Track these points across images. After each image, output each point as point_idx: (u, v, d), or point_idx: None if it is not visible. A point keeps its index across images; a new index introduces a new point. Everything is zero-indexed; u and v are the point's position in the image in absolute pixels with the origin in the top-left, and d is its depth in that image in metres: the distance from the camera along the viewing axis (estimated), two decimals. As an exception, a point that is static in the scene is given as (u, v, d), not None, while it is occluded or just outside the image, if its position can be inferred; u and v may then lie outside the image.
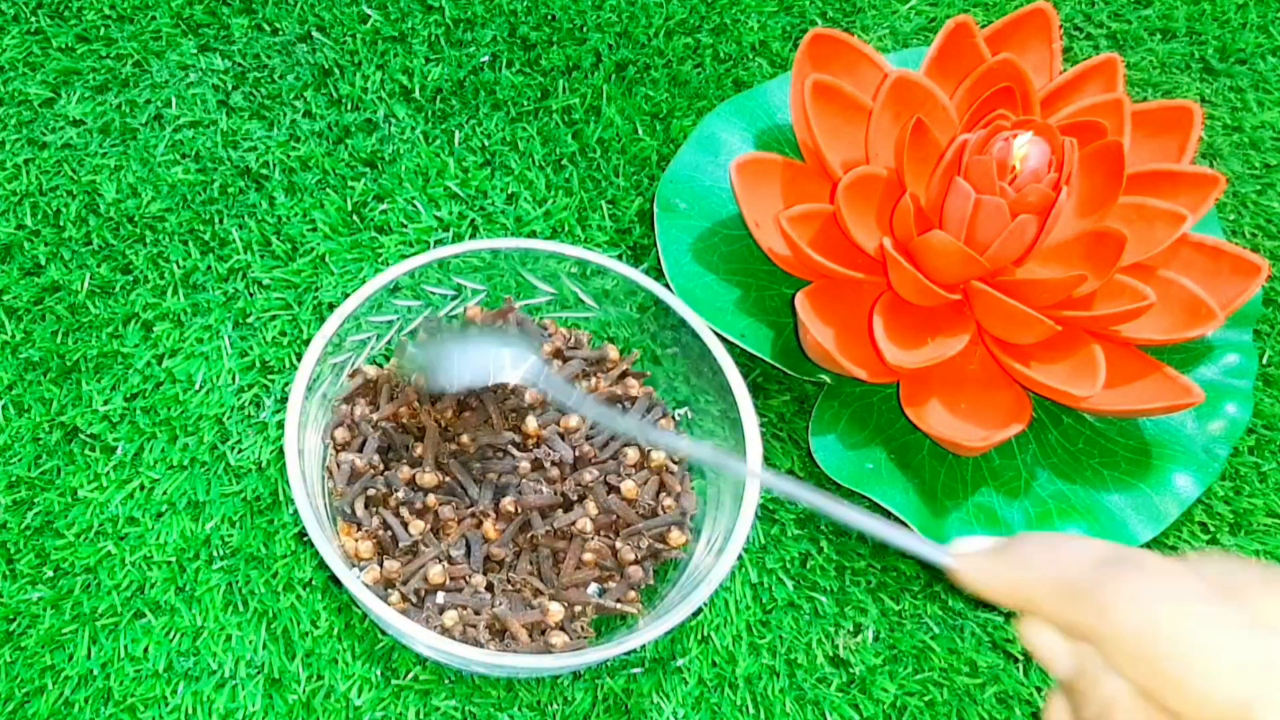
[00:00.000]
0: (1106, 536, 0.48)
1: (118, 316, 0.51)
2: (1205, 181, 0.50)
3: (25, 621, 0.45)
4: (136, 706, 0.44)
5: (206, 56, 0.58)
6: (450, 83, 0.58)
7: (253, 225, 0.54)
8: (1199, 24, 0.65)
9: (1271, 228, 0.59)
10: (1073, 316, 0.47)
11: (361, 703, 0.44)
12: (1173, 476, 0.50)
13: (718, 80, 0.60)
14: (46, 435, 0.48)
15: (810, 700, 0.46)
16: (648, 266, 0.54)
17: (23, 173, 0.54)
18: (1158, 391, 0.48)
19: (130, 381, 0.50)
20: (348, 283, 0.53)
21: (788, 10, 0.63)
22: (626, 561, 0.45)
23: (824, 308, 0.49)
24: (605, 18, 0.61)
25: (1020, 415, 0.48)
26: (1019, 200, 0.46)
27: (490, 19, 0.60)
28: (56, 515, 0.47)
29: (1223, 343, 0.53)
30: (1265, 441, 0.53)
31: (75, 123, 0.56)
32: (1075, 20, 0.64)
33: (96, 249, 0.53)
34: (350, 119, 0.57)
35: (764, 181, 0.51)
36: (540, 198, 0.56)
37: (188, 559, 0.47)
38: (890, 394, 0.50)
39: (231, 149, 0.56)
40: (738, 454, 0.45)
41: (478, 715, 0.45)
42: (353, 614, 0.46)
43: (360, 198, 0.55)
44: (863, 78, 0.51)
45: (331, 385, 0.46)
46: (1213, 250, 0.50)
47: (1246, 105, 0.62)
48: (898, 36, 0.62)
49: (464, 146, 0.57)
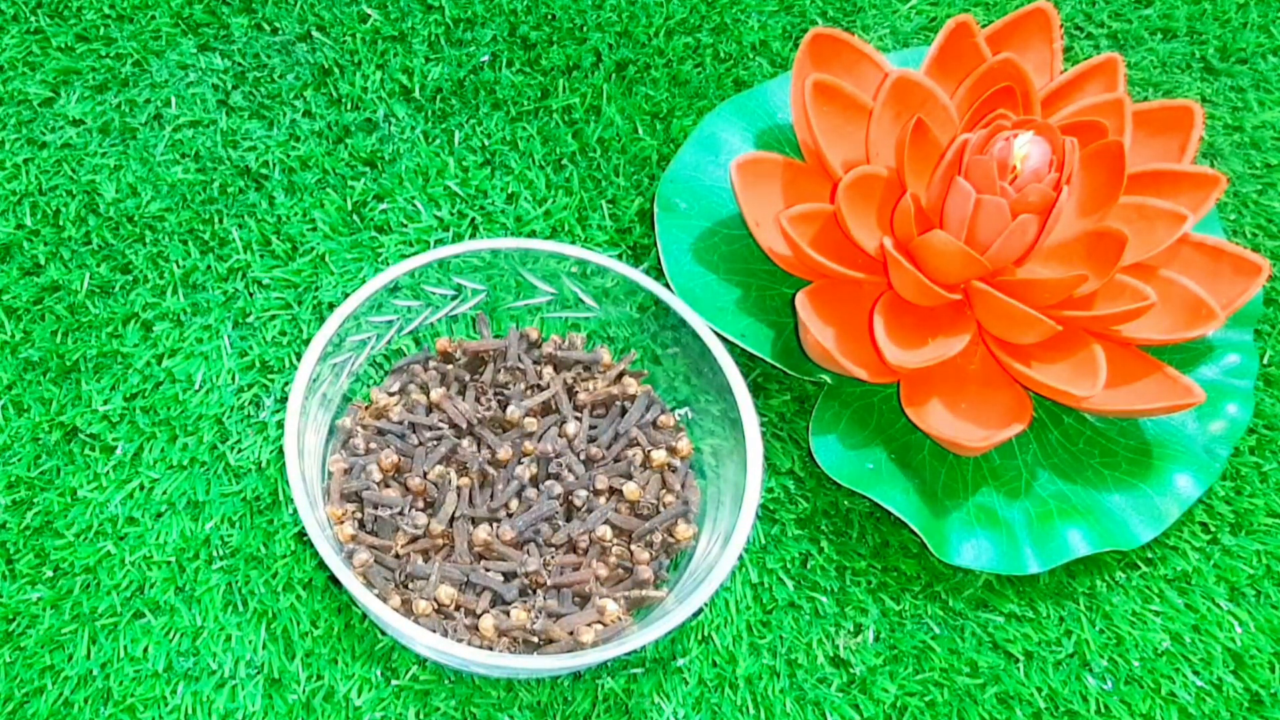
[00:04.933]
0: (1107, 536, 0.48)
1: (117, 316, 0.51)
2: (1206, 181, 0.50)
3: (25, 622, 0.45)
4: (136, 707, 0.44)
5: (206, 56, 0.58)
6: (450, 82, 0.58)
7: (252, 225, 0.54)
8: (1200, 24, 0.65)
9: (1272, 227, 0.59)
10: (1073, 316, 0.47)
11: (361, 703, 0.44)
12: (1174, 476, 0.50)
13: (718, 80, 0.60)
14: (46, 435, 0.48)
15: (811, 700, 0.46)
16: (648, 266, 0.54)
17: (22, 172, 0.54)
18: (1158, 391, 0.48)
19: (130, 381, 0.50)
20: (348, 282, 0.53)
21: (788, 10, 0.63)
22: (641, 560, 0.45)
23: (824, 307, 0.49)
24: (605, 17, 0.61)
25: (1021, 415, 0.48)
26: (1020, 200, 0.46)
27: (490, 18, 0.60)
28: (56, 515, 0.47)
29: (1223, 343, 0.53)
30: (1266, 441, 0.53)
31: (75, 122, 0.56)
32: (1076, 20, 0.64)
33: (96, 249, 0.53)
34: (350, 118, 0.57)
35: (764, 181, 0.50)
36: (540, 197, 0.56)
37: (187, 559, 0.47)
38: (891, 394, 0.50)
39: (231, 148, 0.55)
40: (735, 440, 0.45)
41: (477, 715, 0.45)
42: (352, 614, 0.46)
43: (360, 197, 0.55)
44: (863, 77, 0.51)
45: (331, 385, 0.46)
46: (1213, 250, 0.50)
47: (1247, 105, 0.62)
48: (898, 36, 0.62)
49: (464, 146, 0.57)
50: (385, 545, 0.44)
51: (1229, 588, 0.50)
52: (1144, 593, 0.50)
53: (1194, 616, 0.49)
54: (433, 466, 0.46)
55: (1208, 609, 0.49)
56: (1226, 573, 0.50)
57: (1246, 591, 0.50)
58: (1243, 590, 0.50)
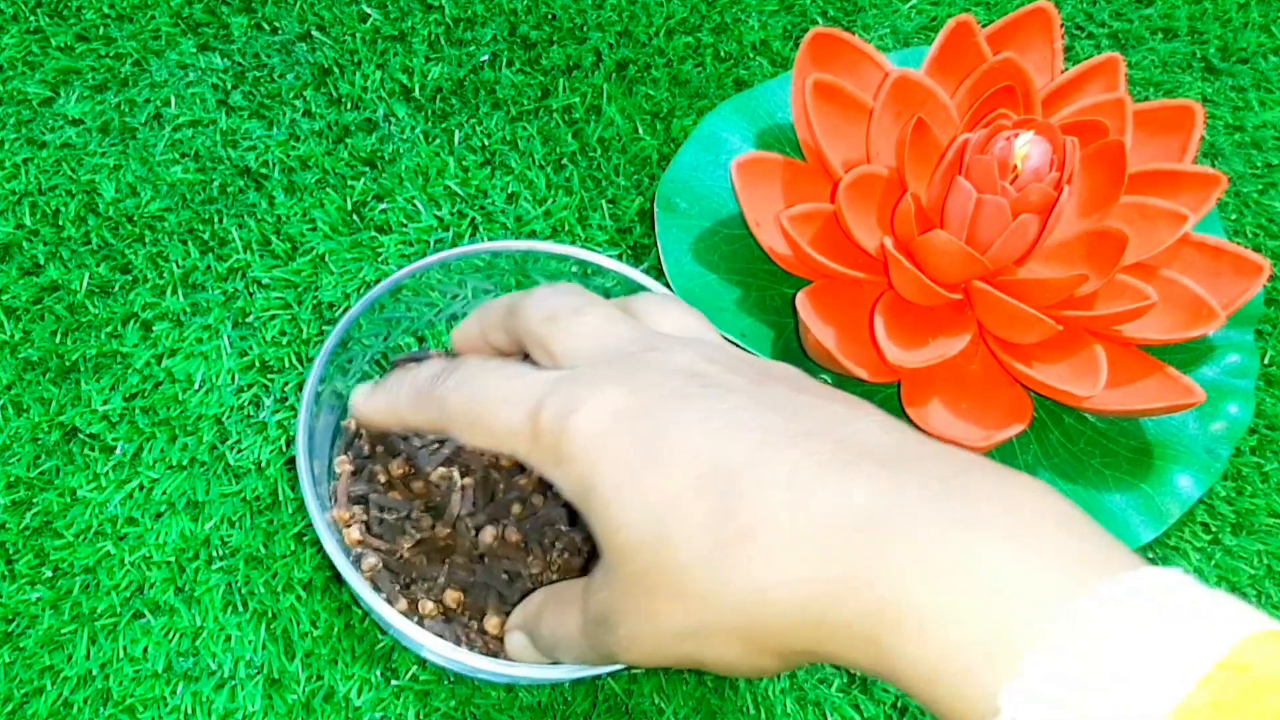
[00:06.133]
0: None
1: (117, 316, 0.51)
2: (1207, 181, 0.49)
3: (24, 622, 0.45)
4: (136, 707, 0.44)
5: (206, 55, 0.58)
6: (450, 82, 0.58)
7: (252, 224, 0.54)
8: (1200, 23, 0.65)
9: (1273, 227, 0.59)
10: (1074, 316, 0.47)
11: (361, 703, 0.44)
12: (1174, 476, 0.50)
13: (718, 79, 0.60)
14: (45, 435, 0.48)
15: (811, 701, 0.46)
16: (648, 266, 0.54)
17: (21, 172, 0.54)
18: (1159, 391, 0.48)
19: (129, 381, 0.50)
20: (347, 282, 0.53)
21: (789, 9, 0.62)
22: None
23: (825, 307, 0.48)
24: (606, 17, 0.61)
25: (1021, 415, 0.48)
26: (1020, 200, 0.46)
27: (490, 18, 0.60)
28: (55, 515, 0.47)
29: (1224, 343, 0.53)
30: (1267, 441, 0.53)
31: (74, 122, 0.55)
32: (1076, 19, 0.64)
33: (95, 248, 0.53)
34: (350, 118, 0.57)
35: (765, 181, 0.50)
36: (540, 197, 0.56)
37: (187, 559, 0.46)
38: (891, 394, 0.50)
39: (231, 148, 0.55)
40: None
41: (477, 716, 0.45)
42: (353, 614, 0.46)
43: (360, 197, 0.55)
44: (864, 77, 0.51)
45: (334, 385, 0.46)
46: (1214, 250, 0.50)
47: (1248, 105, 0.62)
48: (899, 36, 0.62)
49: (464, 146, 0.57)
50: (391, 549, 0.44)
51: (1230, 588, 0.50)
52: (1145, 593, 0.50)
53: (1195, 617, 0.49)
54: (435, 468, 0.46)
55: (1209, 609, 0.49)
56: (1228, 573, 0.50)
57: (1248, 592, 0.50)
58: (1244, 590, 0.50)
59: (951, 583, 0.28)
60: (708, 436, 0.32)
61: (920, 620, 0.28)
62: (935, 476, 0.30)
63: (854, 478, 0.30)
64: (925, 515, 0.29)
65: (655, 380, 0.33)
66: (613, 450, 0.32)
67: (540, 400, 0.34)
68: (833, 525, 0.30)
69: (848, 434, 0.32)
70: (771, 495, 0.30)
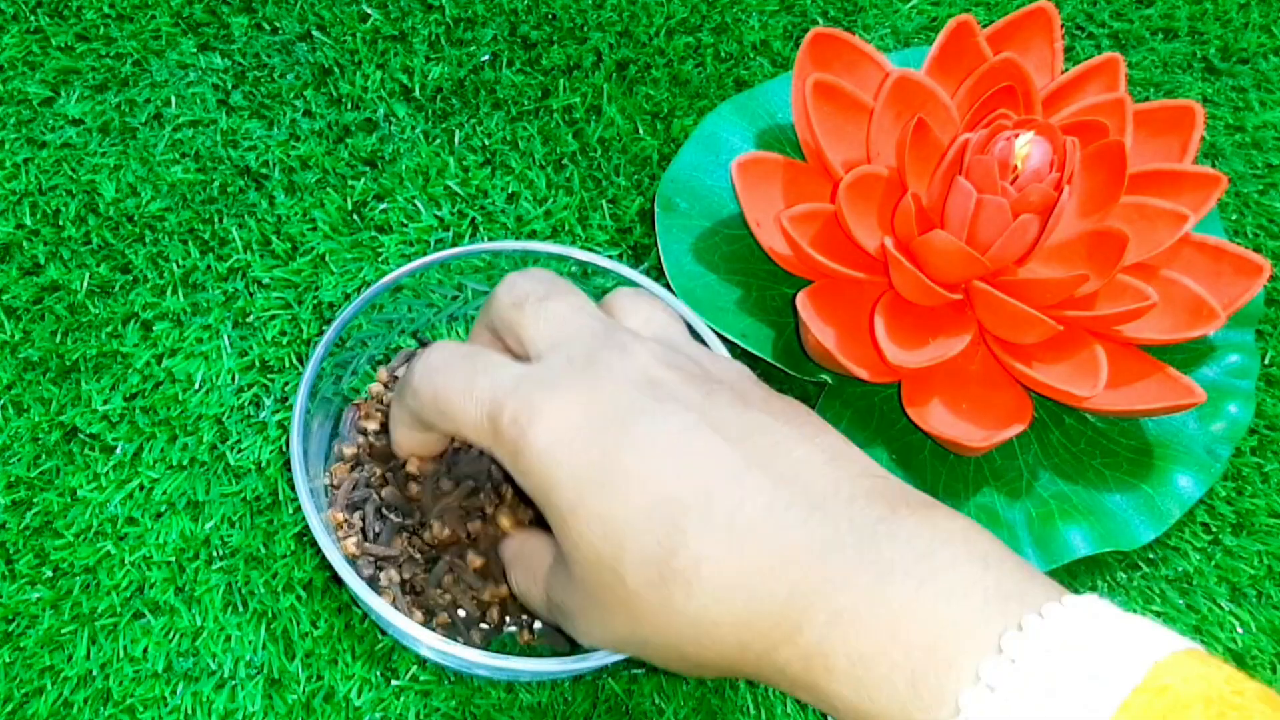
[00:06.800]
0: (1109, 537, 0.48)
1: (117, 316, 0.51)
2: (1207, 181, 0.49)
3: (24, 622, 0.45)
4: (136, 707, 0.44)
5: (206, 55, 0.58)
6: (450, 82, 0.58)
7: (252, 224, 0.54)
8: (1201, 23, 0.65)
9: (1274, 227, 0.59)
10: (1074, 316, 0.47)
11: (361, 703, 0.44)
12: (1175, 477, 0.50)
13: (719, 79, 0.60)
14: (45, 435, 0.48)
15: (811, 701, 0.46)
16: (648, 266, 0.54)
17: (22, 172, 0.54)
18: (1160, 392, 0.48)
19: (130, 381, 0.50)
20: (348, 282, 0.53)
21: (789, 9, 0.62)
22: None
23: (825, 307, 0.48)
24: (606, 17, 0.61)
25: (1022, 415, 0.48)
26: (1021, 200, 0.46)
27: (491, 18, 0.60)
28: (55, 515, 0.47)
29: (1225, 343, 0.53)
30: (1267, 442, 0.53)
31: (74, 122, 0.55)
32: (1077, 19, 0.64)
33: (96, 248, 0.53)
34: (350, 118, 0.57)
35: (765, 181, 0.50)
36: (540, 197, 0.56)
37: (187, 559, 0.46)
38: (892, 394, 0.50)
39: (231, 148, 0.55)
40: None
41: (477, 716, 0.45)
42: (353, 614, 0.46)
43: (360, 197, 0.55)
44: (864, 77, 0.51)
45: (333, 385, 0.46)
46: (1215, 250, 0.50)
47: (1249, 105, 0.62)
48: (899, 36, 0.62)
49: (464, 146, 0.57)
50: (390, 555, 0.44)
51: (1230, 588, 0.50)
52: (1145, 593, 0.50)
53: (1195, 617, 0.49)
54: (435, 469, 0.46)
55: (1209, 609, 0.49)
56: (1228, 573, 0.50)
57: (1248, 592, 0.50)
58: (1244, 591, 0.50)
59: (874, 633, 0.31)
60: (659, 461, 0.33)
61: (849, 667, 0.31)
62: (865, 521, 0.32)
63: (789, 525, 0.32)
64: (851, 565, 0.31)
65: (611, 391, 0.35)
66: (568, 469, 0.34)
67: (501, 402, 0.35)
68: (766, 570, 0.32)
69: (788, 467, 0.34)
70: (712, 538, 0.32)
